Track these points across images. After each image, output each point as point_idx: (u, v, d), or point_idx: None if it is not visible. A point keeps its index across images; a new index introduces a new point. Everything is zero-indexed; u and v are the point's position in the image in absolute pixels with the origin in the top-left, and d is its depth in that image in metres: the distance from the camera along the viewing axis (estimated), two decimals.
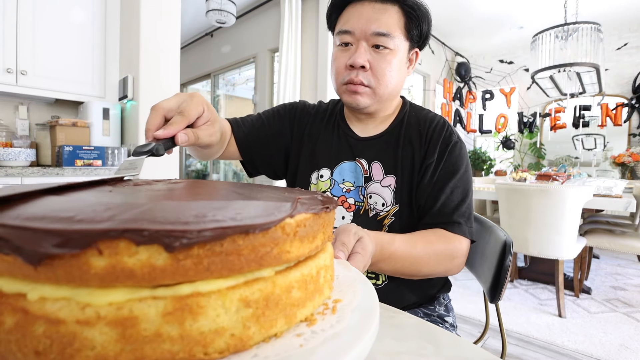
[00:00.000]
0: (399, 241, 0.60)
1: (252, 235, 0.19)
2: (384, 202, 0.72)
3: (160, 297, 0.18)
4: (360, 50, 0.68)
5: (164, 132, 0.45)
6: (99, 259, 0.17)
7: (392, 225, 0.72)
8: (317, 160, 0.79)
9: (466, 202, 0.70)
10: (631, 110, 4.00)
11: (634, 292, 2.28)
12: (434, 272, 0.65)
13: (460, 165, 0.71)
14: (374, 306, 0.27)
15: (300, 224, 0.23)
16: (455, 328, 0.79)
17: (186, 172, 5.49)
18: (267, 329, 0.21)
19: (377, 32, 0.67)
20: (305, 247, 0.24)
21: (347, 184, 0.76)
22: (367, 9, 0.68)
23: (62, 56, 2.05)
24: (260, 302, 0.21)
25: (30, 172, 1.72)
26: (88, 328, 0.17)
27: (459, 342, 0.35)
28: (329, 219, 0.28)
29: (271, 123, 0.82)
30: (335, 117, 0.83)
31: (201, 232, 0.18)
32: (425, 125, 0.74)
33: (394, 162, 0.73)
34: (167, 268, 0.18)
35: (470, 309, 2.03)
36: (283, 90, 3.15)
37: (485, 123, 4.61)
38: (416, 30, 0.71)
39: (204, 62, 4.73)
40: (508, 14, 3.94)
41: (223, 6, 2.88)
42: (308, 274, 0.25)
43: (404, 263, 0.60)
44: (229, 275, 0.20)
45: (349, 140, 0.78)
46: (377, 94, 0.71)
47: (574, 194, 1.85)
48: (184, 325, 0.18)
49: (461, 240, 0.66)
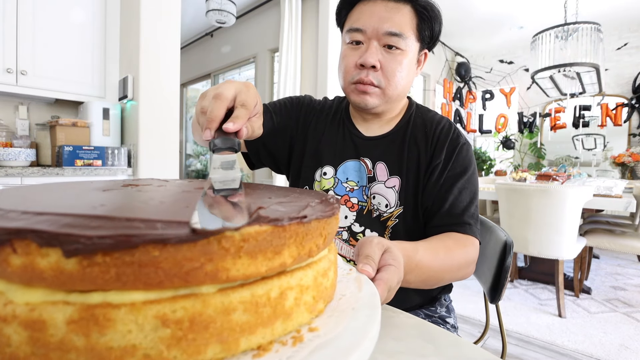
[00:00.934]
0: (422, 250, 0.56)
1: (171, 247, 0.17)
2: (387, 204, 0.71)
3: (71, 303, 0.17)
4: (372, 50, 0.66)
5: (235, 125, 0.39)
6: (16, 257, 0.17)
7: (395, 227, 0.71)
8: (320, 157, 0.78)
9: (474, 204, 0.69)
10: (631, 110, 4.00)
11: (634, 292, 2.28)
12: (454, 279, 0.63)
13: (468, 166, 0.71)
14: (359, 343, 0.21)
15: (249, 238, 0.19)
16: (457, 329, 0.79)
17: (186, 172, 5.48)
18: (192, 355, 0.18)
19: (390, 32, 0.65)
20: (260, 265, 0.20)
21: (351, 183, 0.75)
22: (380, 7, 0.66)
23: (62, 56, 2.04)
24: (183, 322, 0.18)
25: (30, 172, 1.72)
26: (6, 325, 0.17)
27: (459, 342, 0.35)
28: (311, 231, 0.23)
29: (278, 115, 0.80)
30: (341, 114, 0.81)
31: (102, 238, 0.16)
32: (431, 127, 0.74)
33: (399, 163, 0.72)
34: (75, 274, 0.17)
35: (471, 309, 2.03)
36: (283, 90, 3.15)
37: (485, 123, 4.61)
38: (428, 31, 0.70)
39: (204, 62, 4.73)
40: (508, 14, 3.94)
41: (223, 6, 2.88)
42: (263, 295, 0.21)
43: (430, 273, 0.56)
44: (145, 288, 0.18)
45: (354, 139, 0.77)
46: (386, 94, 0.70)
47: (574, 194, 1.85)
48: (90, 336, 0.17)
49: (474, 242, 0.65)
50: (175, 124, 2.20)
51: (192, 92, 5.64)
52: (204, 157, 5.56)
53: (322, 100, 0.86)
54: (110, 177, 1.98)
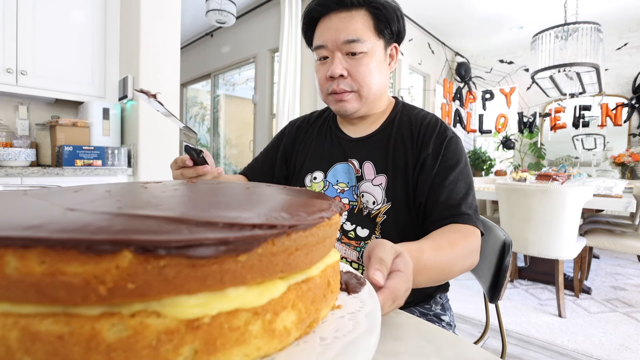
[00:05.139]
0: (427, 250, 0.56)
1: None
2: (374, 201, 0.73)
3: None
4: (336, 61, 0.71)
5: None
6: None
7: (385, 223, 0.72)
8: (310, 165, 0.83)
9: (470, 195, 0.69)
10: (631, 110, 4.00)
11: (634, 292, 2.28)
12: (462, 271, 0.63)
13: (460, 158, 0.71)
14: None
15: None
16: (452, 327, 0.79)
17: None
18: None
19: (347, 40, 0.69)
20: None
21: (342, 185, 0.78)
22: (335, 21, 0.71)
23: (62, 56, 2.05)
24: None
25: (30, 172, 1.72)
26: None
27: (459, 342, 0.35)
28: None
29: (270, 155, 0.93)
30: (328, 122, 0.87)
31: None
32: (417, 124, 0.75)
33: (384, 161, 0.74)
34: None
35: (471, 309, 2.03)
36: (283, 90, 3.15)
37: (485, 123, 4.61)
38: (387, 30, 0.72)
39: (204, 62, 4.73)
40: (508, 14, 3.94)
41: (223, 6, 2.88)
42: None
43: (437, 271, 0.56)
44: None
45: (341, 142, 0.81)
46: (362, 96, 0.73)
47: (574, 194, 1.85)
48: None
49: (474, 231, 0.65)
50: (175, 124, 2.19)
51: (192, 92, 5.64)
52: None
53: (307, 115, 0.94)
54: (110, 178, 1.98)
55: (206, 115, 5.62)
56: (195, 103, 5.76)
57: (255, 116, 3.95)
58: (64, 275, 0.16)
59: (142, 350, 0.16)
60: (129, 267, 0.16)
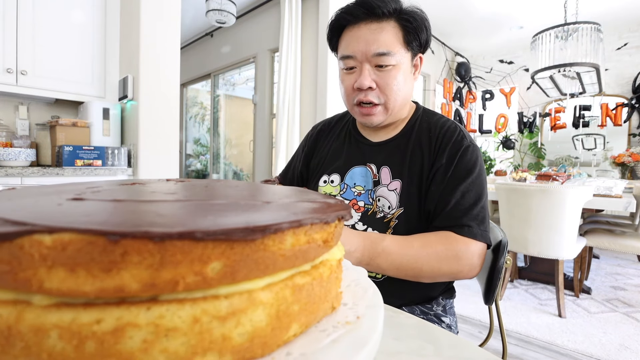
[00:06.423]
0: (390, 238, 0.62)
1: None
2: (389, 205, 0.73)
3: None
4: (365, 73, 0.70)
5: None
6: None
7: (397, 227, 0.72)
8: (327, 166, 0.84)
9: (479, 206, 0.69)
10: (631, 110, 4.00)
11: (634, 292, 2.28)
12: (439, 273, 0.63)
13: (473, 169, 0.70)
14: None
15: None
16: (453, 330, 0.79)
17: (186, 172, 5.49)
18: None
19: (378, 53, 0.69)
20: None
21: (358, 188, 0.79)
22: (365, 31, 0.69)
23: (62, 56, 2.05)
24: None
25: (30, 172, 1.72)
26: None
27: (459, 342, 0.35)
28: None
29: (294, 161, 0.96)
30: (348, 125, 0.88)
31: None
32: (435, 131, 0.75)
33: (401, 166, 0.75)
34: None
35: (471, 309, 2.03)
36: (283, 90, 3.15)
37: (485, 123, 4.61)
38: (416, 41, 0.72)
39: (204, 62, 4.73)
40: (508, 14, 3.94)
41: (223, 6, 2.87)
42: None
43: (402, 260, 0.61)
44: None
45: (360, 146, 0.82)
46: (389, 108, 0.74)
47: (574, 194, 1.85)
48: None
49: (468, 242, 0.65)
50: (175, 124, 2.20)
51: (192, 92, 5.64)
52: (203, 157, 5.57)
53: (330, 118, 0.95)
54: (110, 177, 1.98)
55: (206, 115, 5.62)
56: (195, 103, 5.77)
57: (255, 116, 3.94)
58: None
59: None
60: None
